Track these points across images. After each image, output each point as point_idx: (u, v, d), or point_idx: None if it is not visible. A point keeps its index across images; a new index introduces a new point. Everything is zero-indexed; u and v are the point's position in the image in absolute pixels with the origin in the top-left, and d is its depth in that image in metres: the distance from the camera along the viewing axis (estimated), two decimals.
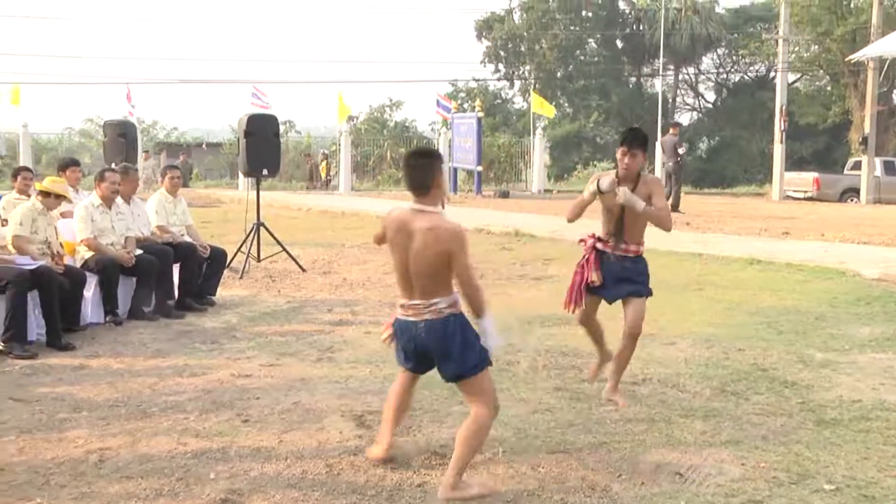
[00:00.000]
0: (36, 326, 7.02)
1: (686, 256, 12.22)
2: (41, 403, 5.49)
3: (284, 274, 10.79)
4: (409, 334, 4.18)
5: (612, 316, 5.81)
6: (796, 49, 32.25)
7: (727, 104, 43.83)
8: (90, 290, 7.71)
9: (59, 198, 7.71)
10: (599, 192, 5.39)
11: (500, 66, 43.78)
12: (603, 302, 5.66)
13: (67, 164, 10.12)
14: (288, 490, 4.10)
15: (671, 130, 20.62)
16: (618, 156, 5.38)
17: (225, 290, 9.42)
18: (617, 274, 5.47)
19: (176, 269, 8.62)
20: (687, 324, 7.87)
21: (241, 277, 10.37)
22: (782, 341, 7.17)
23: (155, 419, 5.19)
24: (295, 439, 4.80)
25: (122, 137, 13.40)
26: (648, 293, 5.53)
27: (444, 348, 4.09)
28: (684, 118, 46.45)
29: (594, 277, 5.48)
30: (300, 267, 11.04)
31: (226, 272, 9.68)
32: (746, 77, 44.14)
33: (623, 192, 5.28)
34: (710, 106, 46.32)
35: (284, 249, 11.18)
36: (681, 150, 20.10)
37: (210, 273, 8.99)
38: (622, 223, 5.45)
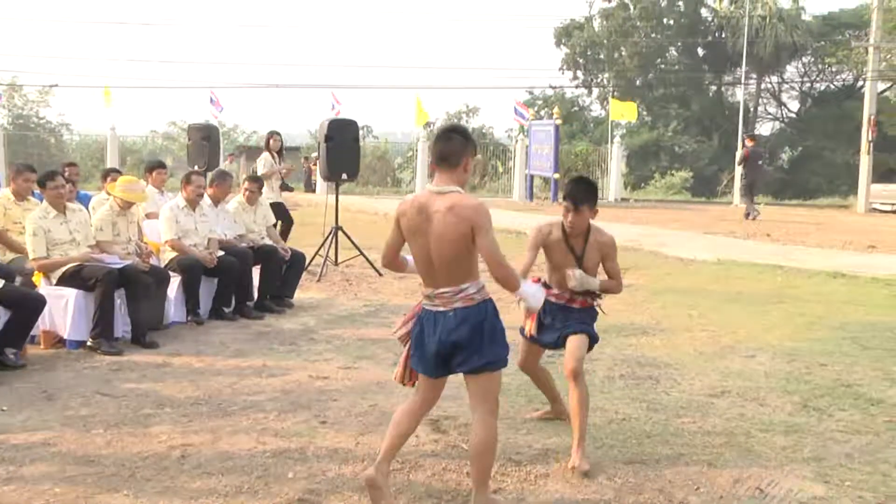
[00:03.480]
0: (122, 324, 7.23)
1: (766, 269, 11.98)
2: (127, 399, 5.66)
3: (361, 277, 10.90)
4: (437, 327, 3.85)
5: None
6: (888, 56, 31.21)
7: (811, 114, 42.73)
8: (173, 290, 7.91)
9: (128, 204, 7.91)
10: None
11: (579, 74, 43.52)
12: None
13: (154, 167, 10.41)
14: (365, 493, 4.11)
15: (752, 142, 21.24)
16: (562, 211, 4.83)
17: (303, 293, 9.56)
18: (558, 319, 4.94)
19: (256, 270, 8.78)
20: (767, 337, 7.70)
21: (318, 280, 10.52)
22: (868, 357, 6.96)
23: (235, 418, 5.30)
24: (372, 442, 4.84)
25: (205, 141, 13.72)
26: (591, 334, 4.89)
27: (474, 336, 3.81)
28: (765, 128, 45.47)
29: (528, 328, 5.04)
30: (377, 271, 11.13)
31: (304, 275, 9.83)
32: (832, 86, 42.97)
33: (577, 277, 4.75)
34: (793, 115, 45.23)
35: (362, 253, 11.30)
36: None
37: (289, 275, 9.14)
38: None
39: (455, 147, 3.87)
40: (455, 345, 3.82)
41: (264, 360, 6.74)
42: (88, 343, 6.97)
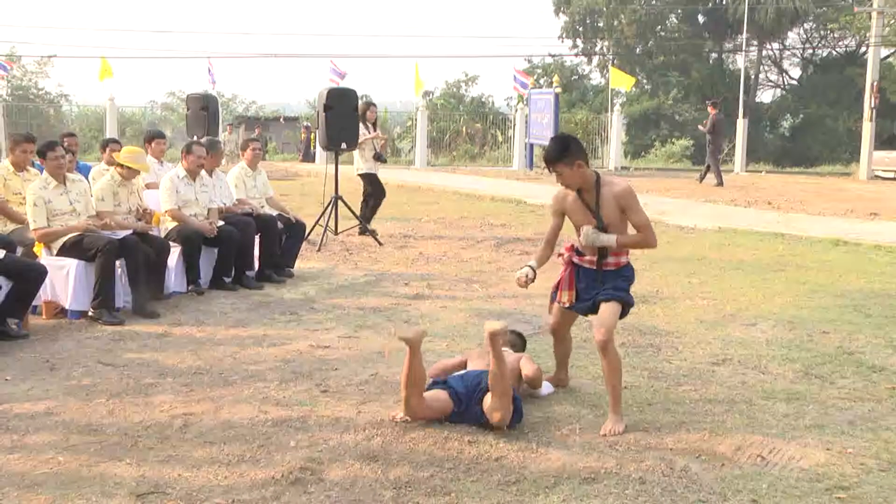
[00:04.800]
0: (123, 294, 7.23)
1: (767, 237, 11.97)
2: (128, 368, 5.66)
3: (361, 247, 10.89)
4: None
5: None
6: (892, 22, 30.96)
7: (813, 81, 42.49)
8: (173, 260, 7.88)
9: (132, 174, 7.89)
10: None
11: (578, 42, 43.21)
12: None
13: (153, 137, 10.35)
14: (366, 460, 4.14)
15: (715, 109, 21.69)
16: None
17: (303, 263, 9.55)
18: (594, 286, 4.87)
19: (256, 240, 8.76)
20: (768, 305, 7.70)
21: (318, 250, 10.50)
22: (870, 325, 6.96)
23: (236, 387, 5.30)
24: (373, 410, 4.84)
25: (204, 111, 13.64)
26: (624, 300, 4.78)
27: None
28: (766, 95, 45.26)
29: (565, 298, 4.95)
30: (377, 240, 11.12)
31: (304, 244, 9.81)
32: (835, 52, 42.69)
33: (584, 233, 4.73)
34: (794, 82, 44.99)
35: (361, 223, 11.28)
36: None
37: (289, 245, 9.12)
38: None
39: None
40: None
41: (265, 330, 6.74)
42: (90, 313, 6.97)
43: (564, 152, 4.64)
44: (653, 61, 42.15)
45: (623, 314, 4.83)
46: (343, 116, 11.02)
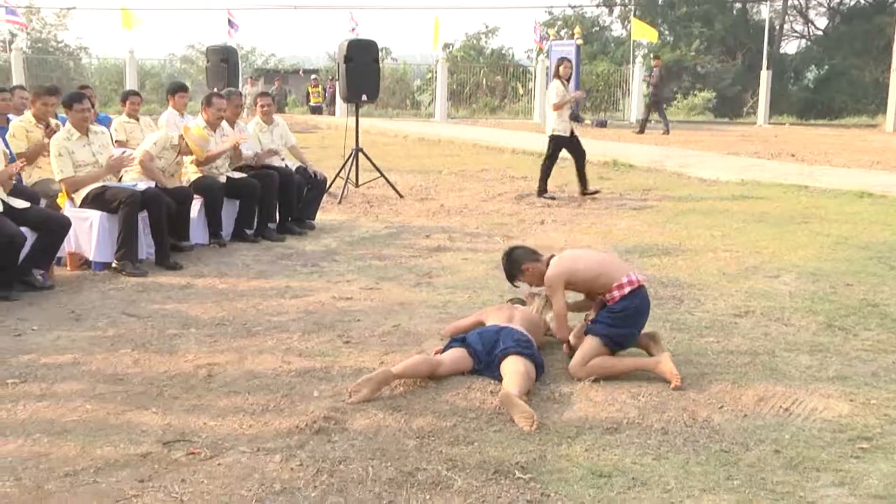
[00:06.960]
0: (146, 245, 7.27)
1: (791, 189, 11.86)
2: (152, 319, 5.71)
3: (382, 199, 10.88)
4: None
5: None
6: None
7: (839, 31, 41.68)
8: (195, 213, 7.90)
9: (189, 151, 7.93)
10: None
11: None
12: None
13: (176, 90, 10.34)
14: (389, 410, 4.16)
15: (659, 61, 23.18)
16: None
17: (324, 215, 9.56)
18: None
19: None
20: (792, 257, 7.64)
21: (339, 202, 10.50)
22: (894, 277, 6.90)
23: (259, 338, 5.34)
24: (395, 361, 4.83)
25: (223, 63, 13.62)
26: (596, 333, 4.75)
27: None
28: (791, 46, 44.50)
29: None
30: (398, 193, 11.10)
31: (325, 197, 9.81)
32: (863, 1, 41.80)
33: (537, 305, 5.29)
34: (820, 33, 44.18)
35: (382, 175, 11.26)
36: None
37: (310, 198, 9.12)
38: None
39: None
40: None
41: (287, 282, 6.77)
42: (113, 265, 7.02)
43: (511, 269, 5.12)
44: (675, 12, 41.40)
45: (615, 347, 4.78)
46: (364, 68, 10.95)
